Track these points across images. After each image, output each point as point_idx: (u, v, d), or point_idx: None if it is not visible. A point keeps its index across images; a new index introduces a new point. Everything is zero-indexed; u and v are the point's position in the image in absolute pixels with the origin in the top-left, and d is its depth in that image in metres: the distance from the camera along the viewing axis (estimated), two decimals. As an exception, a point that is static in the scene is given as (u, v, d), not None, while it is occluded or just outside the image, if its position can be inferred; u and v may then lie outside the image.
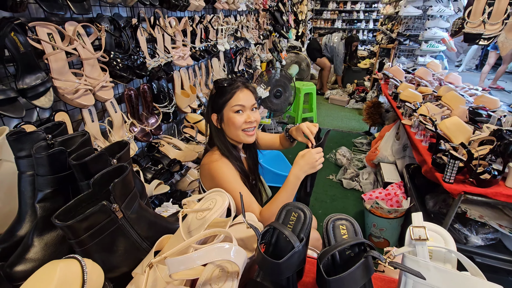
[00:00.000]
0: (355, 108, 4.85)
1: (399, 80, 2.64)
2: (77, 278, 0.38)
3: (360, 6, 8.00)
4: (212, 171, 1.01)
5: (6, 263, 0.54)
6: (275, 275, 0.46)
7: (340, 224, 0.53)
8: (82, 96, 1.00)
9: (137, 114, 1.37)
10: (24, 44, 0.84)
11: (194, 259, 0.39)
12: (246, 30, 2.76)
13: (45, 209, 0.56)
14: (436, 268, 0.44)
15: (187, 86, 1.79)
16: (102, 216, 0.46)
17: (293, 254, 0.47)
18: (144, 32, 1.34)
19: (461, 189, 1.23)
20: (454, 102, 1.90)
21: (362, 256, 0.46)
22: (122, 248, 0.51)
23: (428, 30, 3.63)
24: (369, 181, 2.53)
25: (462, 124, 1.40)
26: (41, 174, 0.55)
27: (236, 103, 1.00)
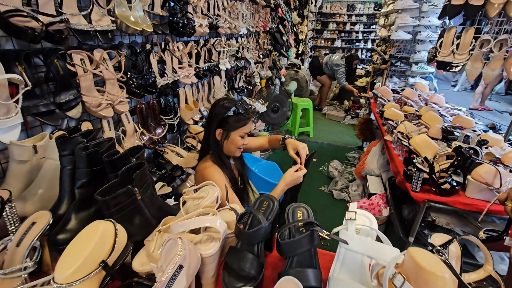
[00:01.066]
0: (350, 123, 5.06)
1: (386, 99, 2.86)
2: (112, 233, 0.57)
3: (359, 27, 8.38)
4: (204, 176, 1.20)
5: (52, 232, 0.73)
6: (247, 242, 0.65)
7: (298, 210, 0.72)
8: (104, 109, 1.22)
9: (146, 124, 1.58)
10: (63, 68, 1.06)
11: (190, 223, 0.58)
12: (246, 50, 3.02)
13: (81, 193, 0.76)
14: (359, 239, 0.63)
15: (190, 101, 2.01)
16: (126, 196, 0.66)
17: (260, 228, 0.65)
18: (155, 55, 1.57)
19: (425, 197, 1.41)
20: (432, 121, 2.10)
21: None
22: (138, 222, 0.70)
23: (418, 53, 3.88)
24: (357, 193, 2.70)
25: (429, 141, 1.59)
26: (80, 168, 0.75)
27: (244, 131, 1.24)
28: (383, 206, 2.07)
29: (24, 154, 0.91)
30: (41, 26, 0.91)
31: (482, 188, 1.34)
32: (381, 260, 0.58)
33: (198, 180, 1.28)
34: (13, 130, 0.92)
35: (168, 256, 0.53)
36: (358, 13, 8.31)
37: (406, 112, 2.43)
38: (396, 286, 0.48)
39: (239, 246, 0.67)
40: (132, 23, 1.28)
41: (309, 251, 0.65)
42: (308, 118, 4.43)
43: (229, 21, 2.35)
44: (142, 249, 0.68)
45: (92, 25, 1.13)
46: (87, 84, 1.17)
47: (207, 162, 1.25)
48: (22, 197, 0.86)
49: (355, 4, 8.29)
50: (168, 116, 1.73)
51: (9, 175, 0.91)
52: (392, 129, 2.13)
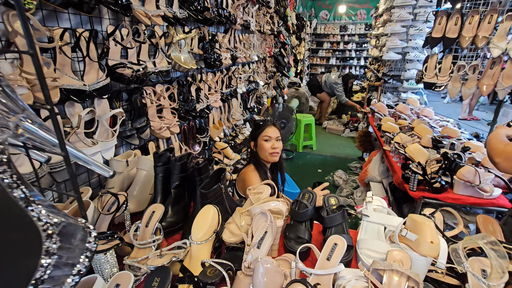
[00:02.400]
0: (350, 136, 5.42)
1: (383, 114, 3.22)
2: (216, 214, 0.88)
3: (352, 46, 8.96)
4: (245, 177, 1.51)
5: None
6: (299, 218, 0.96)
7: (331, 198, 1.04)
8: (164, 131, 1.54)
9: (187, 142, 1.90)
10: (140, 101, 1.39)
11: (264, 205, 0.89)
12: (257, 74, 3.40)
13: (175, 193, 1.07)
14: (376, 214, 0.94)
15: (216, 121, 2.35)
16: (218, 190, 0.97)
17: (307, 210, 0.97)
18: (194, 85, 1.92)
19: (420, 194, 1.73)
20: (423, 132, 2.45)
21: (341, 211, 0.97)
22: (222, 208, 1.00)
23: (408, 71, 4.31)
24: (362, 198, 3.01)
25: (420, 149, 1.93)
26: (175, 174, 1.07)
27: (265, 135, 1.54)
28: (386, 207, 2.37)
29: (120, 167, 1.22)
30: (132, 72, 1.24)
31: (466, 185, 1.66)
32: (392, 226, 0.90)
33: (239, 180, 1.58)
34: (111, 150, 1.23)
35: (256, 224, 0.84)
36: (350, 33, 8.91)
37: (400, 125, 2.78)
38: (402, 235, 0.79)
39: (293, 223, 0.98)
40: (183, 63, 1.63)
41: (341, 224, 0.95)
42: (310, 132, 4.78)
43: (244, 51, 2.73)
44: (225, 229, 0.98)
45: (157, 67, 1.47)
46: (152, 112, 1.50)
47: (249, 167, 1.57)
48: (126, 198, 1.16)
49: (347, 25, 8.91)
50: (202, 135, 2.06)
51: (109, 183, 1.21)
52: (390, 140, 2.47)
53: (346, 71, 9.05)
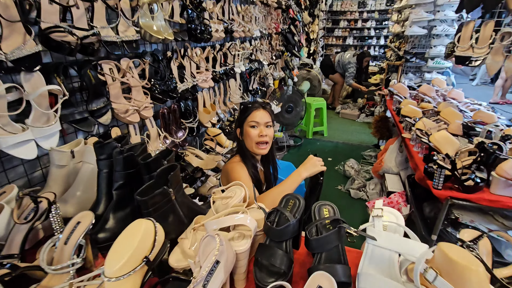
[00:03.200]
0: (365, 122, 5.00)
1: (403, 96, 2.82)
2: (152, 231, 0.62)
3: (371, 24, 8.26)
4: (228, 170, 1.25)
5: (93, 231, 0.79)
6: (276, 238, 0.68)
7: (323, 207, 0.75)
8: (131, 115, 1.28)
9: (168, 128, 1.64)
10: (95, 77, 1.13)
11: (223, 221, 0.62)
12: (260, 52, 3.06)
13: (118, 195, 0.82)
14: (386, 235, 0.65)
15: (208, 104, 2.07)
16: (163, 196, 0.70)
17: (289, 225, 0.68)
18: (175, 61, 1.63)
19: (447, 194, 1.40)
20: (451, 117, 2.06)
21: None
22: (172, 220, 0.74)
23: (434, 48, 3.81)
24: (375, 191, 2.68)
25: (449, 137, 1.57)
26: (117, 170, 0.81)
27: (252, 120, 1.25)
28: (403, 204, 2.05)
29: (63, 159, 0.98)
30: (77, 40, 0.97)
31: (508, 184, 1.31)
32: (410, 256, 0.60)
33: (222, 174, 1.32)
34: (52, 137, 0.99)
35: (205, 252, 0.57)
36: (369, 10, 8.20)
37: (423, 108, 2.39)
38: (428, 280, 0.49)
39: (268, 242, 0.70)
40: (155, 32, 1.34)
41: (337, 248, 0.67)
42: (322, 118, 4.42)
43: (243, 25, 2.39)
44: (176, 246, 0.72)
45: (119, 36, 1.19)
46: (115, 92, 1.24)
47: (234, 158, 1.30)
48: (63, 199, 0.93)
49: (366, 1, 8.18)
50: (188, 120, 1.79)
51: (50, 178, 0.98)
52: (410, 126, 2.11)
53: (364, 52, 8.42)
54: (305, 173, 1.13)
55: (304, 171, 1.13)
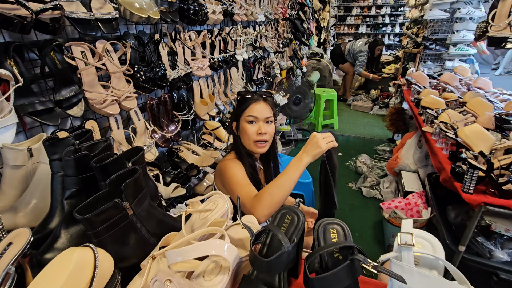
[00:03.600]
0: (379, 114, 4.72)
1: (422, 86, 2.56)
2: (90, 264, 0.45)
3: (386, 10, 7.81)
4: (222, 169, 1.07)
5: (38, 251, 0.63)
6: (264, 272, 0.50)
7: (331, 228, 0.55)
8: (109, 106, 1.11)
9: (158, 121, 1.47)
10: (61, 62, 0.96)
11: (189, 251, 0.44)
12: (265, 39, 2.84)
13: (71, 205, 0.65)
14: (420, 274, 0.46)
15: (206, 95, 1.88)
16: (115, 212, 0.53)
17: (282, 254, 0.50)
18: (165, 46, 1.45)
19: (481, 199, 1.18)
20: (480, 109, 1.81)
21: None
22: (133, 241, 0.57)
23: (456, 33, 3.48)
24: (390, 190, 2.46)
25: (483, 132, 1.34)
26: (69, 175, 0.64)
27: (249, 114, 1.06)
28: (423, 206, 1.83)
29: (18, 158, 0.82)
30: (31, 14, 0.80)
31: (557, 189, 1.08)
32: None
33: (216, 175, 1.15)
34: (7, 132, 0.83)
35: (158, 299, 0.40)
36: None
37: (447, 99, 2.14)
38: None
39: (255, 276, 0.52)
40: (137, 9, 1.16)
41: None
42: (332, 110, 4.18)
43: (245, 7, 2.18)
44: (137, 275, 0.56)
45: (92, 13, 1.02)
46: (90, 79, 1.07)
47: (228, 155, 1.13)
48: (13, 207, 0.77)
49: (381, -14, 7.73)
50: (182, 112, 1.61)
51: (3, 182, 0.82)
52: (432, 119, 1.87)
53: (377, 40, 8.01)
54: (306, 158, 0.89)
55: (305, 155, 0.90)
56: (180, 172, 1.56)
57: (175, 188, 1.38)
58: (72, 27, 1.03)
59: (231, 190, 0.99)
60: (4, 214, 0.75)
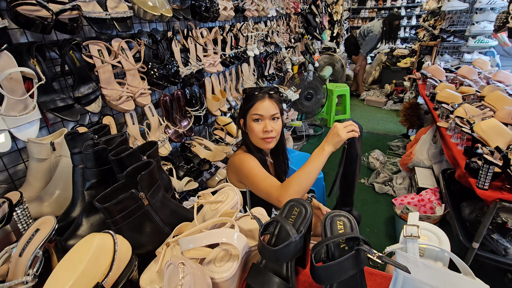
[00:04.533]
0: (393, 109, 4.63)
1: (438, 79, 2.49)
2: (110, 248, 0.48)
3: (402, 2, 7.58)
4: (236, 163, 1.09)
5: (62, 238, 0.68)
6: (272, 261, 0.52)
7: (338, 220, 0.57)
8: (124, 102, 1.16)
9: (171, 117, 1.51)
10: (79, 60, 1.00)
11: (200, 238, 0.47)
12: (276, 34, 2.83)
13: (91, 195, 0.69)
14: (424, 265, 0.47)
15: (217, 90, 1.91)
16: (131, 202, 0.57)
17: (289, 244, 0.52)
18: (178, 43, 1.48)
19: (496, 196, 1.15)
20: (499, 103, 1.75)
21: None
22: (148, 230, 0.61)
23: (476, 25, 3.35)
24: (403, 186, 2.42)
25: (500, 127, 1.30)
26: (88, 167, 0.68)
27: (255, 112, 1.07)
28: (436, 203, 1.80)
29: (42, 152, 0.87)
30: (51, 15, 0.84)
31: None
32: (460, 297, 0.42)
33: (229, 170, 1.17)
34: (31, 127, 0.88)
35: (171, 282, 0.43)
36: (400, -13, 7.50)
37: (463, 93, 2.07)
38: None
39: (263, 264, 0.54)
40: (150, 8, 1.19)
41: (353, 278, 0.50)
42: (344, 105, 4.12)
43: (257, 3, 2.18)
44: (153, 262, 0.59)
45: (108, 13, 1.05)
46: (106, 76, 1.12)
47: (240, 150, 1.16)
48: (39, 197, 0.83)
49: (397, -23, 7.48)
50: (194, 108, 1.65)
51: (29, 174, 0.88)
52: (448, 114, 1.83)
53: (393, 33, 7.78)
54: (328, 147, 0.93)
55: (326, 144, 0.94)
56: (192, 166, 1.60)
57: (187, 182, 1.42)
58: (89, 26, 1.07)
59: (251, 183, 1.01)
60: (31, 204, 0.81)
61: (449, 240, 0.51)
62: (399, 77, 5.18)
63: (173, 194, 0.84)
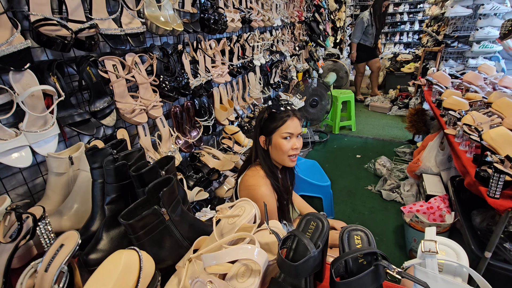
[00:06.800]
0: (398, 115, 4.62)
1: (444, 86, 2.49)
2: (136, 265, 0.50)
3: (404, 8, 7.62)
4: (255, 196, 1.08)
5: (83, 252, 0.69)
6: (292, 276, 0.53)
7: (355, 234, 0.58)
8: (137, 115, 1.18)
9: (181, 127, 1.54)
10: (96, 75, 1.04)
11: (223, 255, 0.48)
12: (281, 43, 2.87)
13: (111, 210, 0.71)
14: (444, 280, 0.47)
15: (225, 100, 1.94)
16: (154, 217, 0.58)
17: (309, 259, 0.53)
18: (188, 55, 1.51)
19: (508, 205, 1.15)
20: (507, 109, 1.75)
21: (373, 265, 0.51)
22: (168, 244, 0.62)
23: (480, 30, 3.35)
24: (411, 193, 2.41)
25: (509, 135, 1.30)
26: (109, 182, 0.70)
27: (286, 130, 1.09)
28: (446, 210, 1.79)
29: (61, 166, 0.90)
30: (71, 34, 0.88)
31: None
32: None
33: (245, 193, 1.15)
34: (50, 142, 0.91)
35: (198, 298, 0.44)
36: (402, -7, 7.55)
37: (470, 99, 2.08)
38: None
39: (282, 279, 0.55)
40: (162, 23, 1.22)
41: (373, 292, 0.51)
42: (349, 111, 4.13)
43: (262, 14, 2.22)
44: (173, 276, 0.60)
45: (123, 29, 1.09)
46: (121, 90, 1.15)
47: (259, 176, 1.12)
48: (59, 211, 0.85)
49: (399, -17, 7.54)
50: (203, 118, 1.67)
51: (48, 188, 0.91)
52: (455, 121, 1.83)
53: (396, 38, 7.83)
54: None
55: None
56: (202, 176, 1.61)
57: (198, 192, 1.44)
58: (104, 42, 1.11)
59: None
60: (51, 217, 0.83)
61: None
62: (403, 83, 5.18)
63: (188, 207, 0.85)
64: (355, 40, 4.97)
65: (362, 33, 4.91)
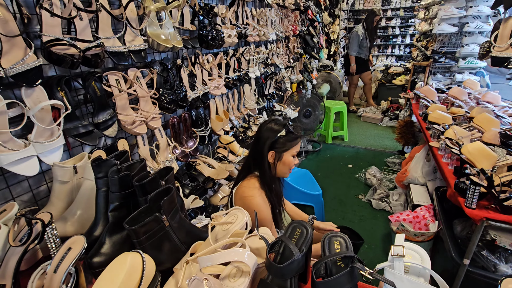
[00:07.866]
0: (389, 126, 4.76)
1: (431, 100, 2.62)
2: (140, 266, 0.56)
3: (396, 22, 7.89)
4: (250, 206, 1.14)
5: (87, 255, 0.75)
6: (278, 277, 0.60)
7: (335, 240, 0.65)
8: (138, 126, 1.25)
9: (178, 138, 1.61)
10: (100, 89, 1.11)
11: (217, 257, 0.55)
12: (276, 56, 2.98)
13: (114, 216, 0.77)
14: (409, 280, 0.55)
15: (221, 111, 2.02)
16: (155, 224, 0.65)
17: (293, 261, 0.60)
18: (186, 69, 1.59)
19: (483, 215, 1.24)
20: (486, 124, 1.87)
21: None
22: (167, 248, 0.68)
23: (466, 47, 3.53)
24: (399, 202, 2.50)
25: (485, 149, 1.40)
26: (113, 191, 0.76)
27: (296, 150, 1.23)
28: (430, 219, 1.87)
29: (65, 175, 0.96)
30: (79, 52, 0.95)
31: (557, 205, 1.13)
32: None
33: (240, 203, 1.20)
34: (56, 152, 0.97)
35: (194, 295, 0.51)
36: (394, 7, 7.83)
37: (454, 114, 2.20)
38: None
39: (270, 280, 0.62)
40: (163, 41, 1.30)
41: (348, 292, 0.57)
42: (342, 122, 4.25)
43: (258, 29, 2.33)
44: (171, 278, 0.66)
45: (126, 46, 1.16)
46: (122, 103, 1.22)
47: (255, 188, 1.19)
48: (63, 217, 0.90)
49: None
50: (199, 128, 1.75)
51: (53, 195, 0.96)
52: (439, 135, 1.93)
53: (388, 51, 8.07)
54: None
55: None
56: (197, 185, 1.67)
57: (193, 200, 1.50)
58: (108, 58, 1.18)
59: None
60: (56, 223, 0.88)
61: (442, 256, 0.60)
62: (394, 94, 5.35)
63: (185, 214, 0.92)
64: (353, 53, 5.12)
65: (358, 46, 5.09)
